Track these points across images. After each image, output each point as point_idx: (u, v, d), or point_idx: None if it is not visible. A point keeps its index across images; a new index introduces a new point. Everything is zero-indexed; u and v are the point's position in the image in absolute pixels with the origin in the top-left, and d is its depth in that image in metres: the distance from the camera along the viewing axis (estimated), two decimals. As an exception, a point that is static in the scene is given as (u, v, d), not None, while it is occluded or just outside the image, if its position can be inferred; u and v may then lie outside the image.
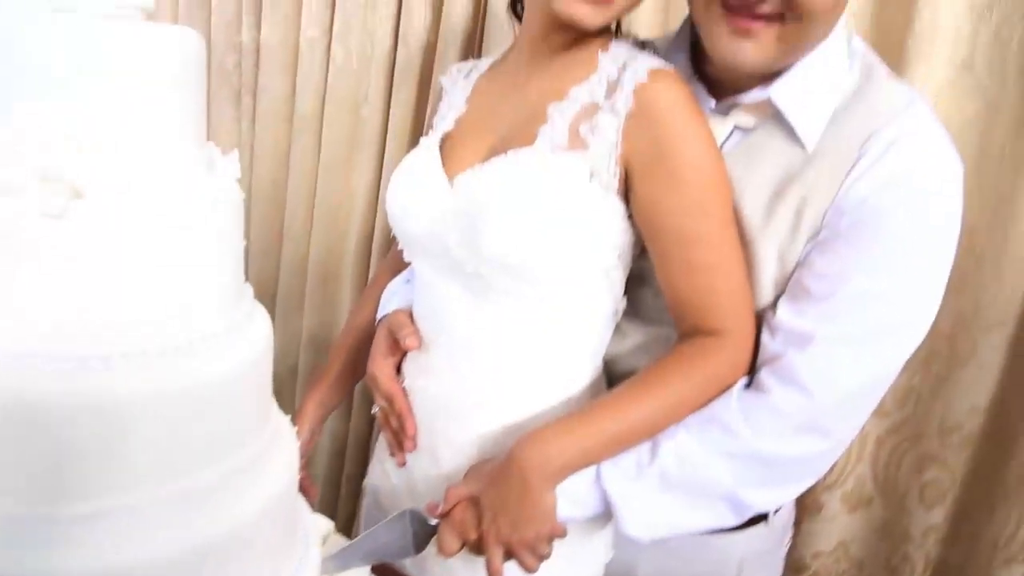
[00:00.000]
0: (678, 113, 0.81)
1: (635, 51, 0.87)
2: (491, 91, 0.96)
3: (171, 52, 0.59)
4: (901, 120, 0.81)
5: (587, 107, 0.84)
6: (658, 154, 0.81)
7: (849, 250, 0.80)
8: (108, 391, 0.59)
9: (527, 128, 0.86)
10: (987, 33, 1.12)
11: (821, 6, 0.78)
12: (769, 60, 0.82)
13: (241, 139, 1.92)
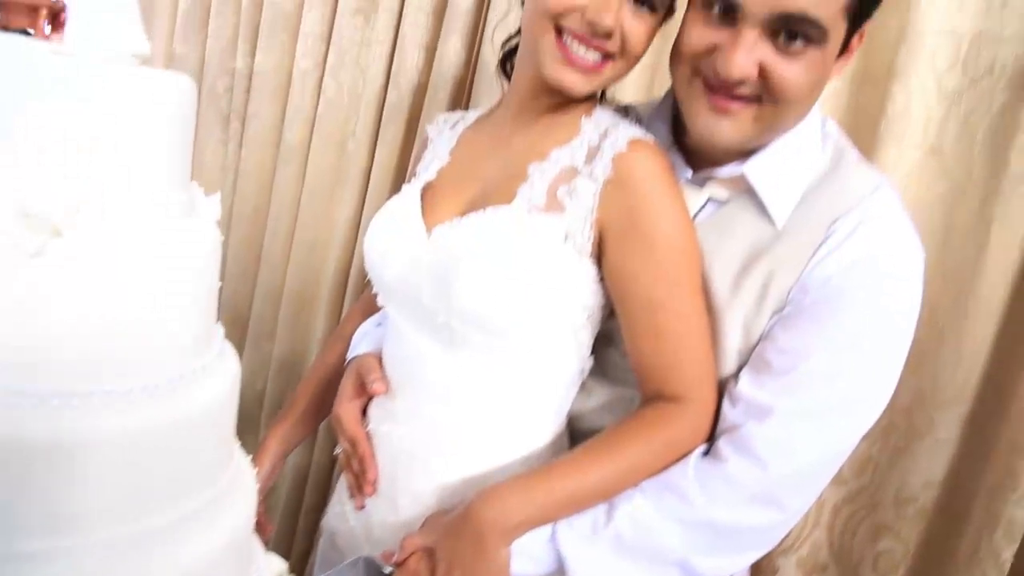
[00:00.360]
0: (654, 184, 0.83)
1: (617, 119, 0.89)
2: (475, 145, 0.98)
3: (162, 97, 0.61)
4: (867, 205, 0.84)
5: (567, 170, 0.86)
6: (632, 222, 0.83)
7: (811, 327, 0.82)
8: (68, 430, 0.59)
9: (507, 185, 0.88)
10: (956, 121, 1.17)
11: (797, 93, 0.81)
12: (745, 139, 0.85)
13: (226, 162, 1.93)
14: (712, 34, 0.82)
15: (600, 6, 0.82)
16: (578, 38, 0.84)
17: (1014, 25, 1.12)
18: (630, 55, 0.86)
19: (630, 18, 0.84)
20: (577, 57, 0.84)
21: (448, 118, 1.07)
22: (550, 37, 0.84)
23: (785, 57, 0.80)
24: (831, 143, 0.90)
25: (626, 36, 0.84)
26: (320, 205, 1.72)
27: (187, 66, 1.96)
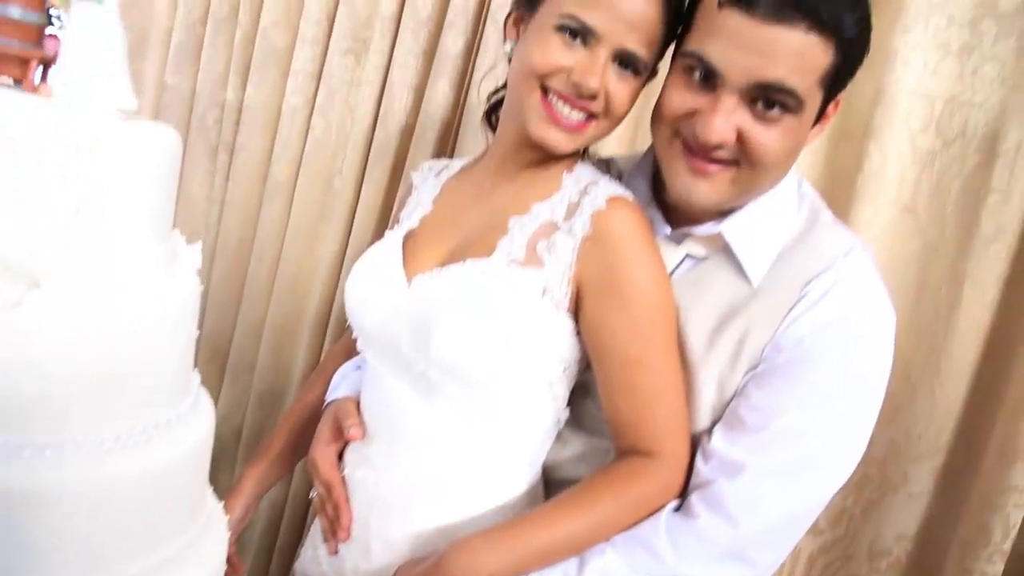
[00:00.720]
0: (631, 241, 0.85)
1: (598, 175, 0.91)
2: (458, 194, 1.00)
3: (146, 151, 0.61)
4: (840, 267, 0.86)
5: (546, 225, 0.88)
6: (609, 278, 0.84)
7: (784, 386, 0.84)
8: (41, 480, 0.59)
9: (487, 238, 0.89)
10: (929, 181, 1.20)
11: (773, 158, 0.83)
12: (722, 200, 0.87)
13: (212, 193, 1.93)
14: (692, 98, 0.84)
15: (585, 68, 0.84)
16: (563, 98, 0.86)
17: (984, 92, 1.16)
18: (614, 115, 0.88)
19: (614, 80, 0.86)
20: (562, 116, 0.86)
21: (433, 166, 1.09)
22: (536, 96, 0.86)
23: (762, 123, 0.82)
24: (806, 204, 0.92)
25: (610, 97, 0.86)
26: (304, 241, 1.72)
27: (178, 96, 1.97)
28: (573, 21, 0.84)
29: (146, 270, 0.62)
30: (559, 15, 0.84)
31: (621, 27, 0.83)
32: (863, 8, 0.81)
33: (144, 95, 2.08)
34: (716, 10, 0.81)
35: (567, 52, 0.85)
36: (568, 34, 0.84)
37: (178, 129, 1.85)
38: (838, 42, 0.80)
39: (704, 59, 0.82)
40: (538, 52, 0.85)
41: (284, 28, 1.76)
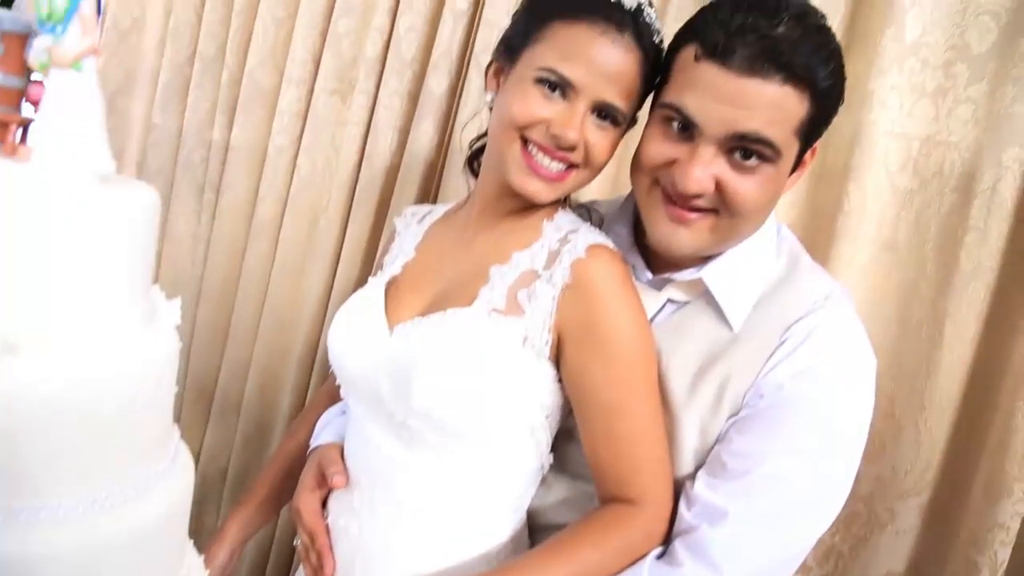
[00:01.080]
0: (611, 290, 0.85)
1: (578, 223, 0.92)
2: (440, 242, 1.00)
3: (123, 214, 0.62)
4: (819, 313, 0.87)
5: (527, 273, 0.88)
6: (589, 327, 0.85)
7: (765, 431, 0.84)
8: (18, 545, 0.58)
9: (469, 286, 0.89)
10: (908, 219, 1.22)
11: (751, 206, 0.85)
12: (701, 247, 0.88)
13: (198, 231, 1.93)
14: (671, 148, 0.85)
15: (564, 120, 0.85)
16: (543, 149, 0.87)
17: (959, 132, 1.18)
18: (593, 165, 0.89)
19: (593, 131, 0.87)
20: (542, 167, 0.87)
21: (416, 211, 1.09)
22: (516, 147, 0.87)
23: (740, 173, 0.83)
24: (786, 249, 0.93)
25: (589, 148, 0.87)
26: (290, 281, 1.72)
27: (165, 135, 1.98)
28: (552, 74, 0.85)
29: (125, 332, 0.62)
30: (538, 68, 0.86)
31: (599, 80, 0.85)
32: (836, 59, 0.83)
33: (131, 134, 2.09)
34: (693, 63, 0.82)
35: (546, 104, 0.86)
36: (547, 86, 0.86)
37: (165, 167, 1.89)
38: (813, 93, 0.81)
39: (682, 110, 0.83)
40: (518, 104, 0.86)
41: (270, 69, 1.77)
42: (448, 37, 1.51)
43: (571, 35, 0.85)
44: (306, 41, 1.70)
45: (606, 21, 0.85)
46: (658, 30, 0.90)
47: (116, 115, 2.09)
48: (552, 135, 0.85)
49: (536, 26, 0.88)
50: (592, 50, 0.84)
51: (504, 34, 0.94)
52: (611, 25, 0.85)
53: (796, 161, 0.87)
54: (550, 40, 0.86)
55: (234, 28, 1.83)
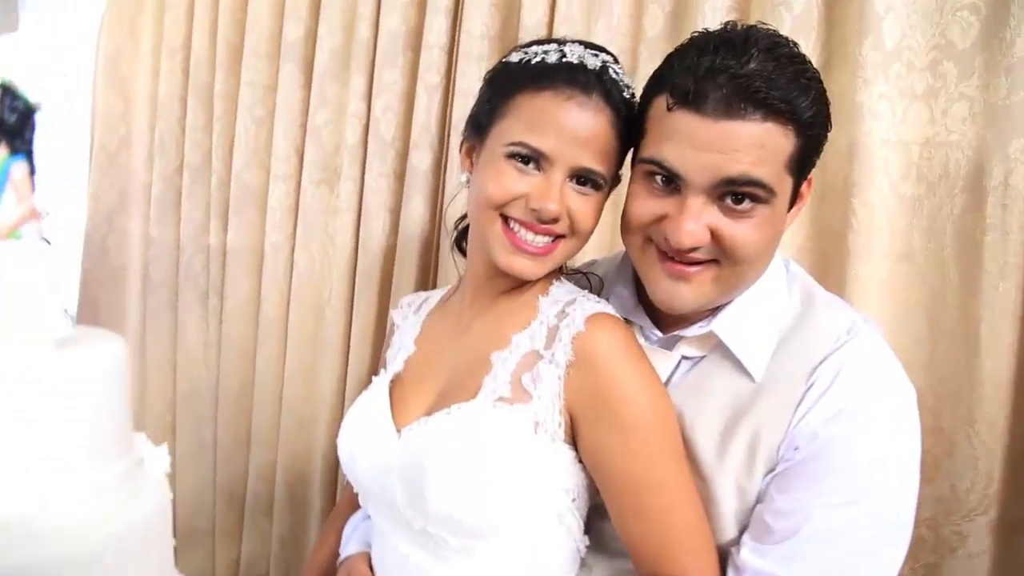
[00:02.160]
0: (616, 360, 0.81)
1: (575, 292, 0.88)
2: (438, 332, 0.97)
3: (86, 374, 0.59)
4: (844, 350, 0.81)
5: (528, 356, 0.84)
6: (600, 401, 0.80)
7: (807, 485, 0.78)
8: None
9: (471, 377, 0.85)
10: (920, 227, 1.16)
11: (751, 251, 0.80)
12: (706, 301, 0.84)
13: (208, 338, 1.92)
14: (658, 204, 0.82)
15: (542, 193, 0.82)
16: (525, 225, 0.84)
17: (958, 130, 1.13)
18: (580, 233, 0.86)
19: (574, 198, 0.84)
20: (526, 243, 0.84)
21: (412, 301, 1.06)
22: (497, 226, 0.84)
23: (735, 218, 0.79)
24: (797, 286, 0.89)
25: (573, 216, 0.84)
26: (304, 378, 1.69)
27: (164, 248, 1.98)
28: (523, 148, 0.82)
29: (107, 493, 0.59)
30: (508, 143, 0.83)
31: (572, 147, 0.82)
32: (815, 86, 0.80)
33: (131, 250, 2.10)
34: (667, 113, 0.79)
35: (521, 179, 0.83)
36: (520, 160, 0.83)
37: (167, 279, 1.88)
38: (797, 125, 0.78)
39: (663, 164, 0.80)
40: (492, 182, 0.84)
41: (256, 168, 1.78)
42: (424, 112, 1.50)
43: (537, 105, 0.83)
44: (287, 136, 1.71)
45: (570, 86, 0.83)
46: (628, 84, 0.87)
47: (115, 234, 2.11)
48: (532, 209, 0.82)
49: (501, 101, 0.86)
50: (560, 117, 0.82)
51: (471, 112, 0.91)
52: (576, 89, 0.82)
53: (792, 196, 0.83)
54: (516, 113, 0.84)
55: (216, 133, 1.85)
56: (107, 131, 2.08)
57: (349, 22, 1.63)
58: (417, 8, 1.54)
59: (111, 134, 2.08)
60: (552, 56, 0.85)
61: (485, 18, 1.44)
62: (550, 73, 0.84)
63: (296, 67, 1.70)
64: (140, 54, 2.06)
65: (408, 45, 1.55)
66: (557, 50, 0.86)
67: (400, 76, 1.54)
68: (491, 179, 0.84)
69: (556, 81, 0.83)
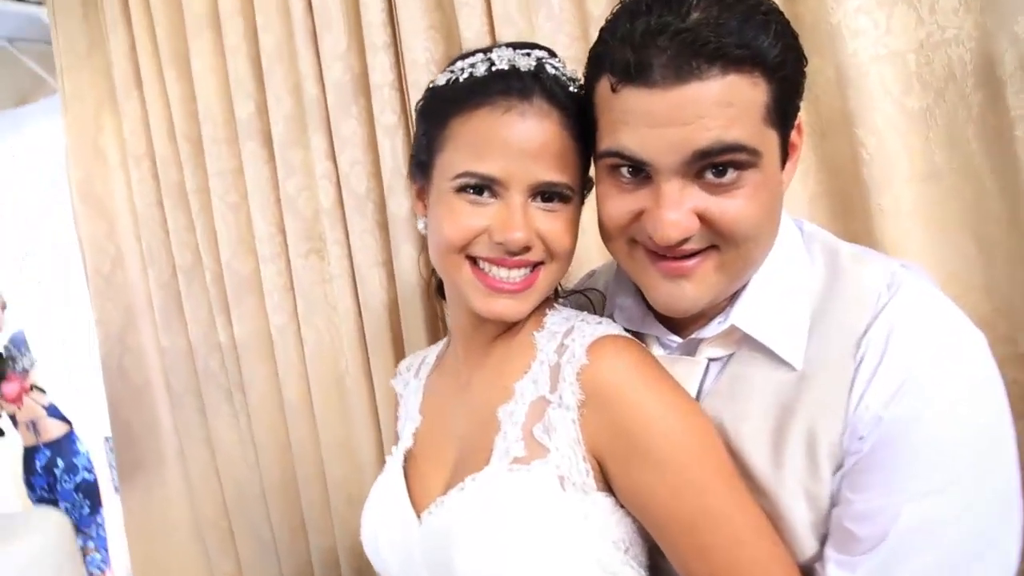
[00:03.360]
0: (631, 387, 0.71)
1: (571, 318, 0.79)
2: (441, 395, 0.88)
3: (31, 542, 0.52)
4: (889, 309, 0.70)
5: (535, 404, 0.75)
6: (624, 439, 0.70)
7: (883, 479, 0.66)
8: None
9: (481, 440, 0.77)
10: (939, 139, 1.04)
11: (750, 226, 0.69)
12: (714, 294, 0.73)
13: (241, 435, 1.87)
14: (631, 199, 0.72)
15: (504, 223, 0.74)
16: (495, 262, 0.75)
17: (953, 24, 1.02)
18: (560, 254, 0.77)
19: (542, 219, 0.75)
20: (501, 282, 0.75)
21: (411, 364, 0.98)
22: (465, 270, 0.76)
23: (721, 194, 0.68)
24: (817, 247, 0.77)
25: (546, 239, 0.75)
26: (341, 454, 1.63)
27: (178, 354, 1.95)
28: (471, 178, 0.74)
29: None
30: (454, 176, 0.75)
31: (524, 163, 0.73)
32: (776, 20, 0.67)
33: (149, 364, 2.07)
34: (613, 95, 0.69)
35: (477, 212, 0.74)
36: (471, 192, 0.74)
37: (189, 384, 1.83)
38: (764, 72, 0.66)
39: (623, 153, 0.69)
40: (447, 223, 0.75)
41: (244, 255, 1.73)
42: (391, 156, 1.43)
43: (474, 127, 0.74)
44: (265, 215, 1.66)
45: (506, 96, 0.74)
46: (571, 78, 0.78)
47: (130, 353, 2.08)
48: (497, 243, 0.74)
49: (437, 131, 0.77)
50: (502, 134, 0.73)
51: (412, 150, 0.83)
52: (512, 98, 0.74)
53: (783, 150, 0.72)
54: (455, 141, 0.75)
55: (199, 230, 1.81)
56: (97, 254, 2.06)
57: (294, 85, 1.57)
58: (356, 52, 1.47)
59: (102, 257, 2.06)
60: (480, 68, 0.76)
61: (425, 43, 1.37)
62: (481, 88, 0.75)
63: (256, 144, 1.65)
64: (109, 170, 2.05)
65: (358, 91, 1.48)
66: (484, 59, 0.77)
67: (358, 125, 1.48)
68: (445, 220, 0.75)
69: (489, 94, 0.74)
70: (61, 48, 2.04)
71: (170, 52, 1.79)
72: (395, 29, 1.42)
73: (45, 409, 2.96)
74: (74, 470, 2.94)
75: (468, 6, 1.30)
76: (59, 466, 2.92)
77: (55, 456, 2.93)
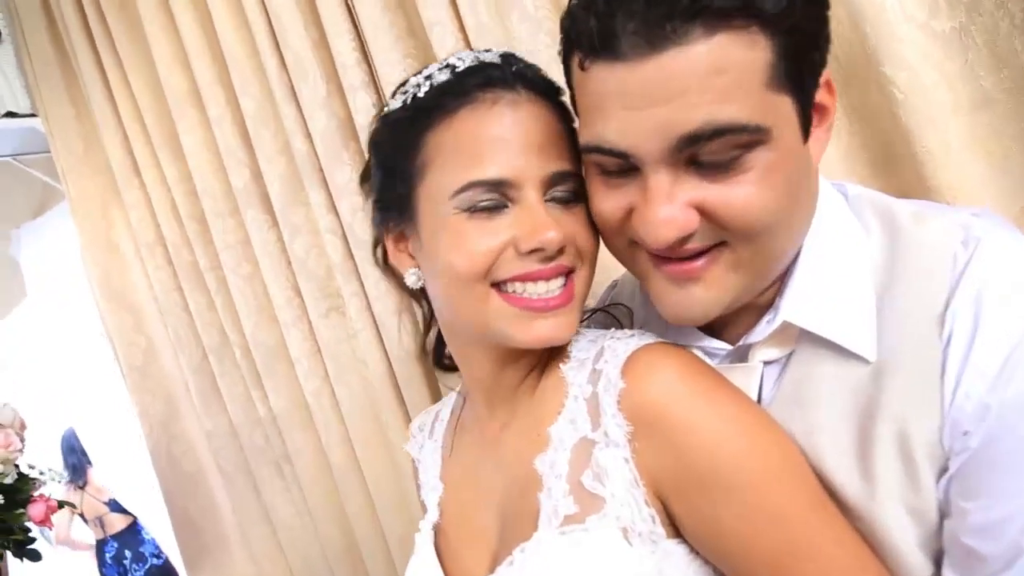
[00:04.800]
0: (680, 403, 0.60)
1: (600, 339, 0.68)
2: (465, 457, 0.79)
3: None
4: (972, 270, 0.57)
5: (579, 448, 0.64)
6: (683, 468, 0.60)
7: (1002, 481, 0.54)
8: None
9: (524, 500, 0.67)
10: (981, 60, 0.92)
11: (765, 214, 0.58)
12: (733, 298, 0.62)
13: (299, 507, 1.81)
14: (621, 195, 0.62)
15: (531, 227, 0.64)
16: (528, 278, 0.65)
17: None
18: (588, 257, 0.68)
19: (565, 220, 0.66)
20: (542, 299, 0.65)
21: (423, 424, 0.89)
22: (494, 300, 0.66)
23: (723, 181, 0.57)
24: (869, 212, 0.65)
25: (575, 241, 0.66)
26: (397, 512, 1.55)
27: (223, 435, 1.90)
28: (478, 188, 0.64)
29: None
30: (453, 195, 0.65)
31: (530, 156, 0.64)
32: None
33: (198, 448, 2.04)
34: (584, 76, 0.59)
35: (492, 227, 0.65)
36: (482, 207, 0.65)
37: (239, 463, 1.77)
38: (763, 25, 0.54)
39: (601, 147, 0.59)
40: (459, 252, 0.65)
41: (267, 325, 1.68)
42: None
43: (458, 134, 0.65)
44: (278, 281, 1.60)
45: (486, 89, 0.66)
46: (537, 67, 0.69)
47: (177, 441, 2.05)
48: (528, 253, 0.64)
49: (407, 158, 0.68)
50: (496, 130, 0.64)
51: (374, 198, 0.74)
52: (496, 89, 0.66)
53: (804, 115, 0.59)
54: (438, 157, 0.66)
55: (219, 307, 1.77)
56: (128, 348, 2.04)
57: (283, 144, 1.52)
58: (336, 96, 1.40)
59: (133, 350, 2.04)
60: (441, 75, 0.68)
61: (403, 73, 1.29)
62: (453, 89, 0.67)
63: (257, 210, 1.60)
64: (125, 262, 2.04)
65: (346, 136, 1.41)
66: (441, 68, 0.69)
67: (351, 172, 1.41)
68: (454, 250, 0.65)
69: (467, 92, 0.66)
70: (60, 152, 2.04)
71: (160, 135, 1.77)
72: (370, 66, 1.35)
73: (107, 505, 3.00)
74: (142, 559, 3.01)
75: (439, 25, 1.23)
76: (127, 557, 3.01)
77: (122, 548, 3.03)
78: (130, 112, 1.82)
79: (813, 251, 0.64)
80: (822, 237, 0.64)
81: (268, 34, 1.45)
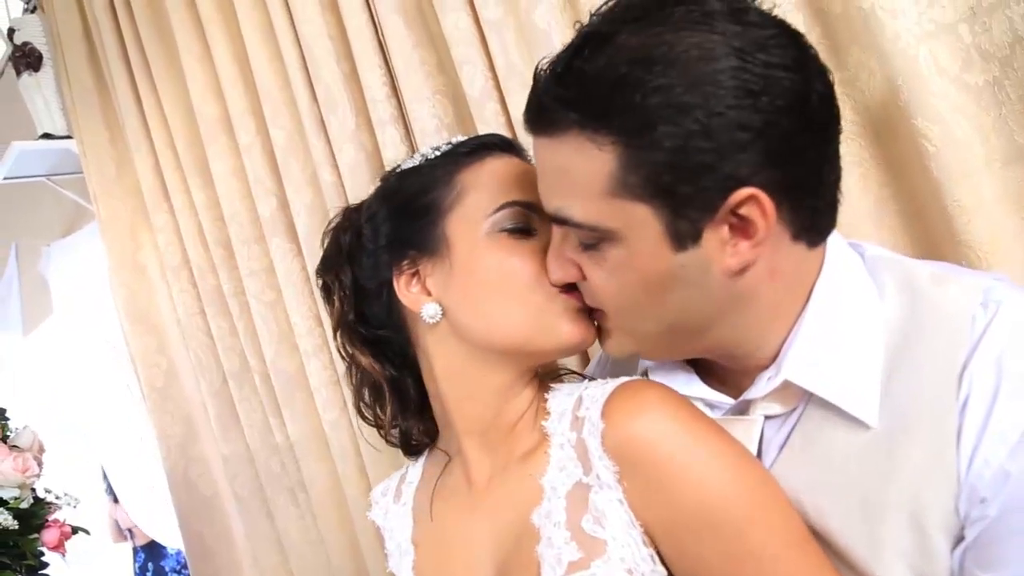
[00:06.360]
0: (659, 436, 0.60)
1: (576, 390, 0.69)
2: (445, 516, 0.77)
3: None
4: (992, 333, 0.57)
5: (573, 493, 0.64)
6: (668, 506, 0.60)
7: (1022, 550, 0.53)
8: None
9: (522, 557, 0.66)
10: (1015, 113, 0.91)
11: (613, 302, 0.64)
12: (631, 352, 0.69)
13: (311, 535, 1.80)
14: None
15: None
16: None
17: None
18: None
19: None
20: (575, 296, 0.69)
21: (386, 489, 0.88)
22: (562, 297, 0.68)
23: (589, 257, 0.63)
24: (886, 273, 0.64)
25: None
26: (410, 548, 1.53)
27: (240, 460, 1.91)
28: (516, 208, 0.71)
29: None
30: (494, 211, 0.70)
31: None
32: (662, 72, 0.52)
33: (215, 474, 2.05)
34: None
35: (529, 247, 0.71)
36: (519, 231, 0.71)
37: (255, 489, 1.77)
38: (612, 135, 0.55)
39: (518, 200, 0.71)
40: (520, 259, 0.69)
41: (287, 353, 1.69)
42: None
43: (495, 168, 0.73)
44: (300, 309, 1.61)
45: (505, 150, 0.74)
46: None
47: (195, 464, 2.06)
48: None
49: (442, 190, 0.71)
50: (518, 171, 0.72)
51: (384, 240, 0.74)
52: (512, 152, 0.75)
53: (676, 224, 0.57)
54: (475, 185, 0.71)
55: (241, 333, 1.78)
56: (150, 369, 2.06)
57: (311, 176, 1.53)
58: (365, 130, 1.42)
59: (155, 372, 2.06)
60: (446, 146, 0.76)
61: (432, 109, 1.31)
62: (476, 143, 0.75)
63: (282, 239, 1.62)
64: (151, 285, 2.07)
65: (372, 171, 1.42)
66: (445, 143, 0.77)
67: (377, 204, 1.42)
68: (514, 255, 0.69)
69: (489, 147, 0.74)
70: (92, 174, 2.08)
71: (191, 161, 1.80)
72: (399, 100, 1.36)
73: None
74: (162, 573, 3.02)
75: (469, 63, 1.24)
76: (149, 570, 3.04)
77: (147, 560, 3.09)
78: (162, 138, 1.85)
79: (822, 310, 0.63)
80: (832, 297, 0.63)
81: (300, 67, 1.47)
